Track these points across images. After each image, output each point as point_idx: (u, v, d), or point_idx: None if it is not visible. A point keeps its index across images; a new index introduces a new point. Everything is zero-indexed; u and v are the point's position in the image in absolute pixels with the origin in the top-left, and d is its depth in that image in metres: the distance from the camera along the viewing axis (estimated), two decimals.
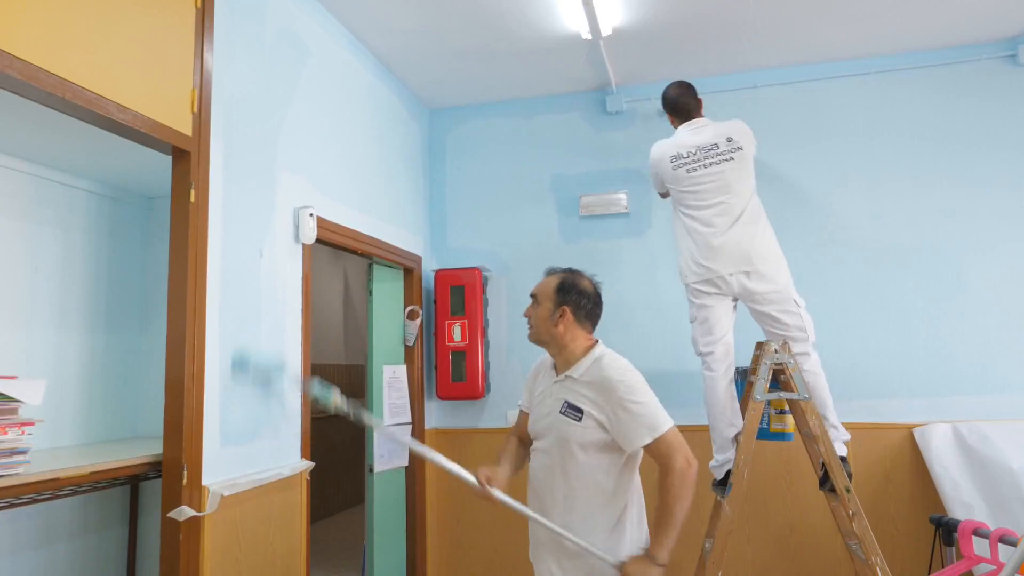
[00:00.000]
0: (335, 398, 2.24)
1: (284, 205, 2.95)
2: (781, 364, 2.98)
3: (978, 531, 2.67)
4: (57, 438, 2.94)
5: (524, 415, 2.45)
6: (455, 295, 4.25)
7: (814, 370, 3.07)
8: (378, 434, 2.22)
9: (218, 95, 2.54)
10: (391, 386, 3.92)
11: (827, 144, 4.03)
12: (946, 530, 2.80)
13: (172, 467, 2.28)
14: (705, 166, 3.13)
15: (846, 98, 4.04)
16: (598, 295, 2.30)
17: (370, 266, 4.00)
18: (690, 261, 3.15)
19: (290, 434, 2.88)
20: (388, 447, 3.88)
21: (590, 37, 3.60)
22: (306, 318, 3.02)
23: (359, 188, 3.63)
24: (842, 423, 3.15)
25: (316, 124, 3.24)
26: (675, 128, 3.34)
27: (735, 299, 3.13)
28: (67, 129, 2.47)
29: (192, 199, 2.36)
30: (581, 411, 2.15)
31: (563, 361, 2.26)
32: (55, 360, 2.99)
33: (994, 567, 2.59)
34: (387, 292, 4.11)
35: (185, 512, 2.24)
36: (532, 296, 2.32)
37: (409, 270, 4.24)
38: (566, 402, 2.19)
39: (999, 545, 2.59)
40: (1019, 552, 1.78)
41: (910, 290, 3.84)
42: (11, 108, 2.28)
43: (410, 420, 4.08)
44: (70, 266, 3.11)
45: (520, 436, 2.47)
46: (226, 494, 2.38)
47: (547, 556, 2.21)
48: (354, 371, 7.36)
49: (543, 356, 2.41)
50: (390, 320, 4.09)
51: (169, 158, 2.40)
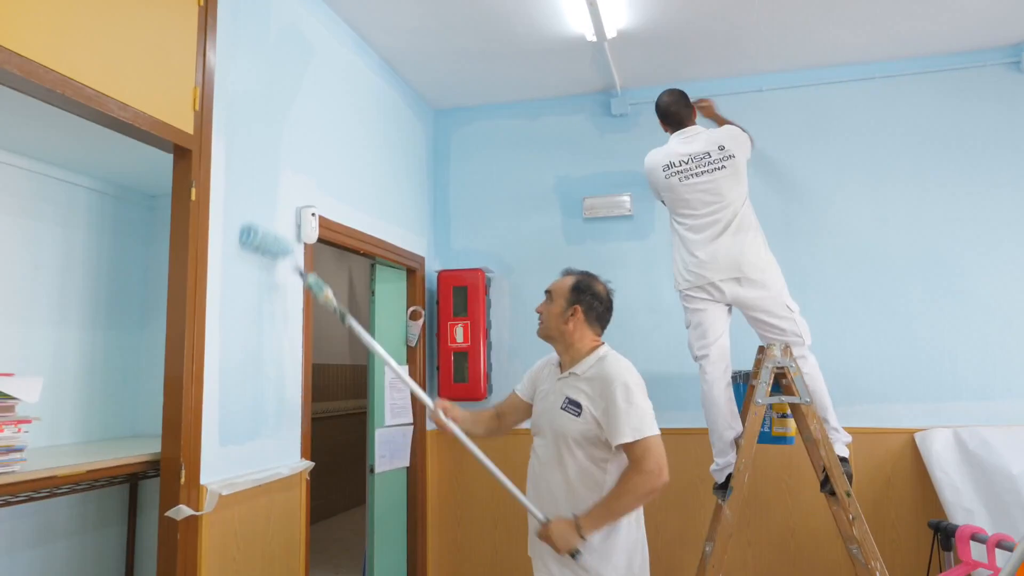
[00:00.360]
0: (327, 293, 2.49)
1: (286, 204, 2.94)
2: (783, 368, 2.98)
3: (976, 536, 2.68)
4: (56, 436, 2.94)
5: (514, 398, 2.52)
6: (458, 296, 4.25)
7: (812, 373, 3.08)
8: (353, 328, 2.38)
9: (220, 93, 2.53)
10: (393, 387, 3.93)
11: (831, 148, 4.02)
12: (944, 535, 2.79)
13: (170, 466, 2.27)
14: (697, 175, 3.13)
15: (850, 102, 4.03)
16: (610, 300, 2.38)
17: (373, 266, 3.99)
18: (682, 268, 3.18)
19: (290, 434, 2.88)
20: (389, 448, 3.88)
21: (595, 39, 3.59)
22: (307, 318, 3.02)
23: (362, 188, 3.62)
24: (843, 427, 3.15)
25: (319, 123, 3.24)
26: (669, 135, 3.34)
27: (729, 305, 3.14)
28: (68, 126, 2.48)
29: (193, 197, 2.36)
30: (580, 406, 2.19)
31: (568, 359, 2.32)
32: (54, 357, 3.00)
33: (991, 572, 2.59)
34: (390, 292, 4.10)
35: (183, 511, 2.23)
36: (547, 292, 2.39)
37: (412, 271, 4.23)
38: (567, 397, 2.24)
39: (996, 550, 2.60)
40: (1015, 557, 1.78)
41: (912, 294, 3.83)
42: (12, 105, 2.28)
43: (412, 421, 4.08)
44: (70, 263, 3.11)
45: (499, 411, 2.55)
46: (224, 493, 2.38)
47: (544, 551, 2.23)
48: (357, 371, 7.37)
49: (550, 354, 2.46)
50: (393, 321, 4.08)
51: (171, 156, 2.40)
